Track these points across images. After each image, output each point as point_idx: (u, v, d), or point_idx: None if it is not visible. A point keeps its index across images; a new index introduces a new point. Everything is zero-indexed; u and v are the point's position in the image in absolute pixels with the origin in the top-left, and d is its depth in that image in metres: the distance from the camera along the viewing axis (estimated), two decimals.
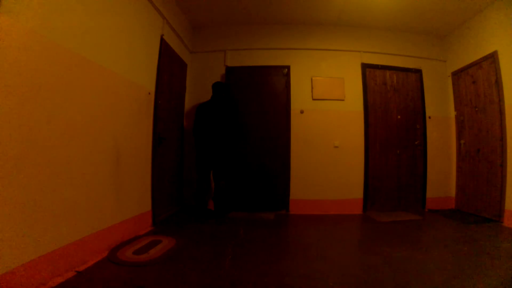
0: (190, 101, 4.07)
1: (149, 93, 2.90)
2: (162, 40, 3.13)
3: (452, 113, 4.12)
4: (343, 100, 4.00)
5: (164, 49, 3.17)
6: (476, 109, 3.66)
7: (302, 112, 3.98)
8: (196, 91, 4.10)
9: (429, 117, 4.12)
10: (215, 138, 3.31)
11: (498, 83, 3.27)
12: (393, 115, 4.09)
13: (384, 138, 4.05)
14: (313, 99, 4.00)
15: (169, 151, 3.43)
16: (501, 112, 3.23)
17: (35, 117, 1.52)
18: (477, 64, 3.62)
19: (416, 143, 4.10)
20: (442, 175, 4.10)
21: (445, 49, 4.25)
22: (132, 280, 1.71)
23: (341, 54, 4.08)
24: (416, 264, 2.00)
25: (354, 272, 1.92)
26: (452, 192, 4.07)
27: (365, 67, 4.07)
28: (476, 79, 3.66)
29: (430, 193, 4.05)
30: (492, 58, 3.34)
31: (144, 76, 2.80)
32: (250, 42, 4.11)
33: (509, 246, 2.37)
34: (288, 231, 3.07)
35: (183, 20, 3.81)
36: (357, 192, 3.92)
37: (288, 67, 4.03)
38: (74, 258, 1.80)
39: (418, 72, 4.18)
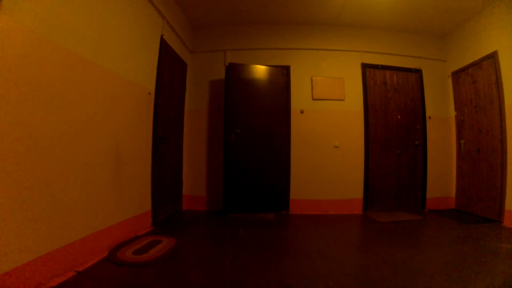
0: (190, 101, 4.07)
1: (149, 93, 2.90)
2: (162, 40, 3.13)
3: (452, 113, 4.12)
4: (343, 100, 4.00)
5: (164, 49, 3.17)
6: (476, 109, 3.66)
7: (302, 112, 3.98)
8: (196, 91, 4.10)
9: (429, 117, 4.12)
10: None
11: (498, 83, 3.27)
12: (393, 115, 4.09)
13: (384, 138, 4.05)
14: (313, 99, 4.00)
15: (169, 151, 3.43)
16: (501, 112, 3.23)
17: (35, 117, 1.52)
18: (477, 64, 3.62)
19: (416, 143, 4.10)
20: (442, 175, 4.09)
21: (445, 49, 4.25)
22: (132, 280, 1.71)
23: (341, 54, 4.08)
24: (416, 264, 2.00)
25: (354, 272, 1.92)
26: (452, 192, 4.07)
27: (365, 67, 4.07)
28: (476, 79, 3.66)
29: (430, 193, 4.05)
30: (492, 58, 3.34)
31: (144, 76, 2.81)
32: (250, 42, 4.11)
33: (509, 246, 2.37)
34: (288, 231, 3.07)
35: (183, 20, 3.81)
36: (357, 192, 3.92)
37: (288, 67, 4.03)
38: (74, 258, 1.80)
39: (418, 72, 4.18)
